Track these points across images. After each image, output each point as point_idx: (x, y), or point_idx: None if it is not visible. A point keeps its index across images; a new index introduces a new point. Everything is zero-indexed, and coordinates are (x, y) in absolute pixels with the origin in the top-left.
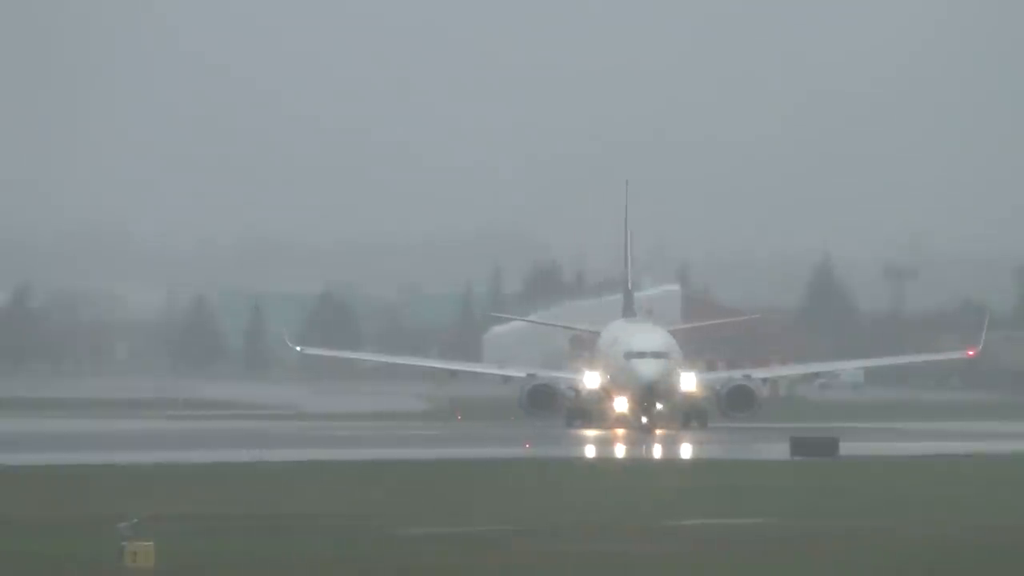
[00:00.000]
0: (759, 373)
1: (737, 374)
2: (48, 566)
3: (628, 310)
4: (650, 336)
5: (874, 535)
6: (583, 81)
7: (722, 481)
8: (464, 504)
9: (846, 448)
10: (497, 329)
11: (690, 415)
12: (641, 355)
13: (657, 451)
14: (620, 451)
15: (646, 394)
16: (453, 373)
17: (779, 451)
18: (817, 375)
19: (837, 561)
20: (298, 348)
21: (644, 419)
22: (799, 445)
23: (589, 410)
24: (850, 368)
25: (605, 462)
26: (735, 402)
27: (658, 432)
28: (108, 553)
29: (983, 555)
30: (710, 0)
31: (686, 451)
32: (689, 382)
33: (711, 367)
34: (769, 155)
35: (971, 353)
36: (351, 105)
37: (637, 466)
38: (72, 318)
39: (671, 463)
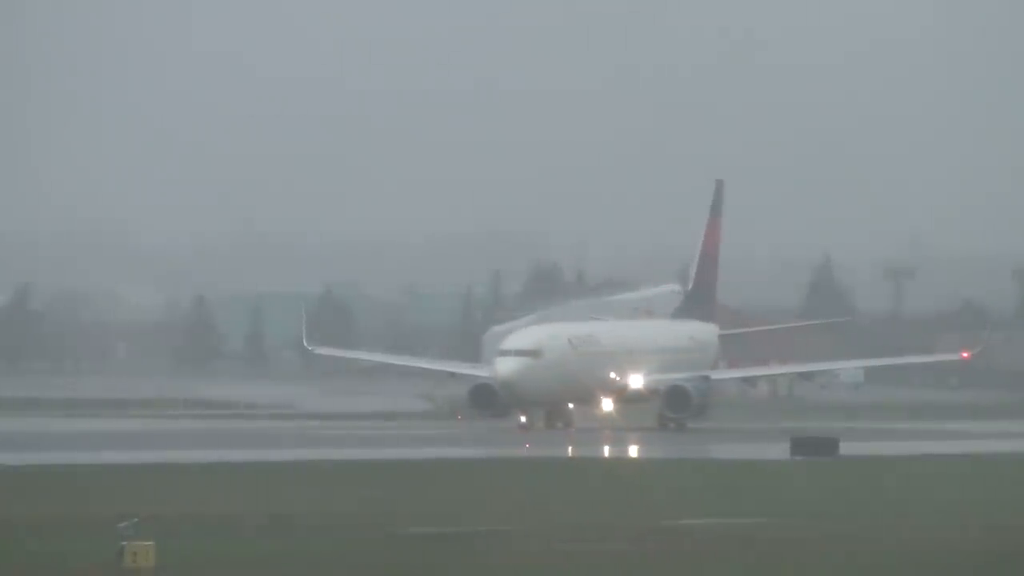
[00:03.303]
0: (719, 374)
1: (694, 375)
2: (48, 566)
3: (699, 310)
4: (526, 334)
5: (874, 535)
6: (582, 82)
7: (723, 481)
8: (463, 503)
9: (846, 448)
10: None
11: (665, 416)
12: (504, 353)
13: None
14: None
15: (506, 392)
16: (452, 374)
17: (779, 451)
18: (817, 374)
19: (837, 561)
20: (311, 348)
21: (523, 418)
22: (799, 445)
23: (563, 409)
24: (847, 368)
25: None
26: (672, 403)
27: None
28: (108, 553)
29: (983, 555)
30: (705, 4)
31: (566, 451)
32: (636, 382)
33: (712, 367)
34: (769, 155)
35: (965, 355)
36: (352, 105)
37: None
38: (72, 318)
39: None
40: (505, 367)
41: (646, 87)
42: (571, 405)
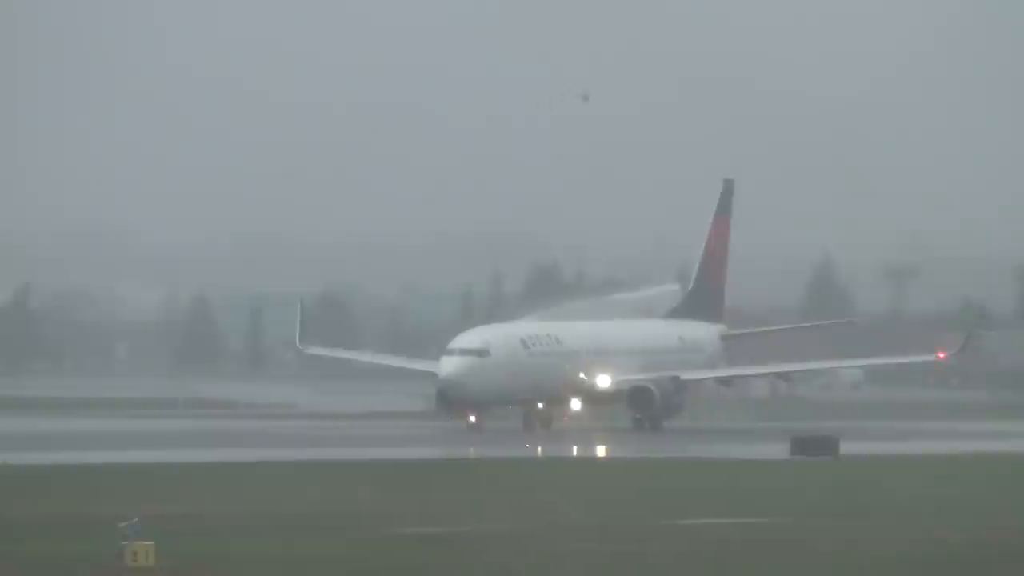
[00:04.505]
0: (692, 374)
1: (663, 375)
2: (48, 566)
3: (700, 310)
4: (474, 333)
5: (874, 535)
6: (581, 81)
7: (723, 481)
8: (464, 504)
9: (846, 448)
10: None
11: (640, 417)
12: (450, 352)
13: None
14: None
15: (451, 392)
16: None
17: (779, 451)
18: (798, 375)
19: (836, 561)
20: (303, 348)
21: (472, 418)
22: (799, 445)
23: (546, 412)
24: (841, 368)
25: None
26: (635, 403)
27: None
28: (108, 553)
29: (982, 555)
30: (706, 1)
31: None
32: (604, 383)
33: (711, 367)
34: (769, 155)
35: (941, 355)
36: (351, 105)
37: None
38: (72, 318)
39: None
40: (448, 366)
41: (646, 86)
42: (540, 405)
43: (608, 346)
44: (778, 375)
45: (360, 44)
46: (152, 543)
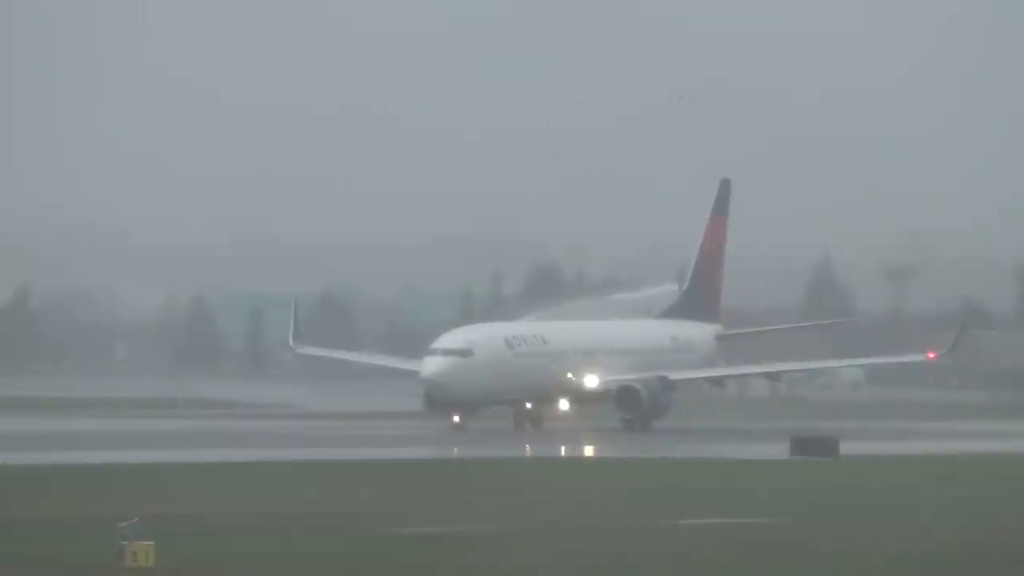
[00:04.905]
0: (681, 374)
1: (650, 375)
2: (48, 566)
3: (696, 310)
4: (458, 333)
5: (873, 535)
6: (582, 81)
7: (722, 481)
8: (460, 504)
9: (846, 448)
10: None
11: (630, 418)
12: (433, 352)
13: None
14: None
15: (431, 390)
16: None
17: (779, 451)
18: (788, 374)
19: (836, 561)
20: (296, 348)
21: (456, 418)
22: (799, 445)
23: (536, 411)
24: (833, 367)
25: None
26: (622, 403)
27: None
28: (108, 553)
29: (981, 555)
30: (703, 2)
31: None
32: (591, 383)
33: (707, 367)
34: (768, 154)
35: (931, 356)
36: (347, 105)
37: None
38: (72, 318)
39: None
40: (431, 366)
41: (645, 85)
42: (528, 405)
43: (596, 346)
44: (768, 375)
45: (358, 45)
46: (152, 543)
